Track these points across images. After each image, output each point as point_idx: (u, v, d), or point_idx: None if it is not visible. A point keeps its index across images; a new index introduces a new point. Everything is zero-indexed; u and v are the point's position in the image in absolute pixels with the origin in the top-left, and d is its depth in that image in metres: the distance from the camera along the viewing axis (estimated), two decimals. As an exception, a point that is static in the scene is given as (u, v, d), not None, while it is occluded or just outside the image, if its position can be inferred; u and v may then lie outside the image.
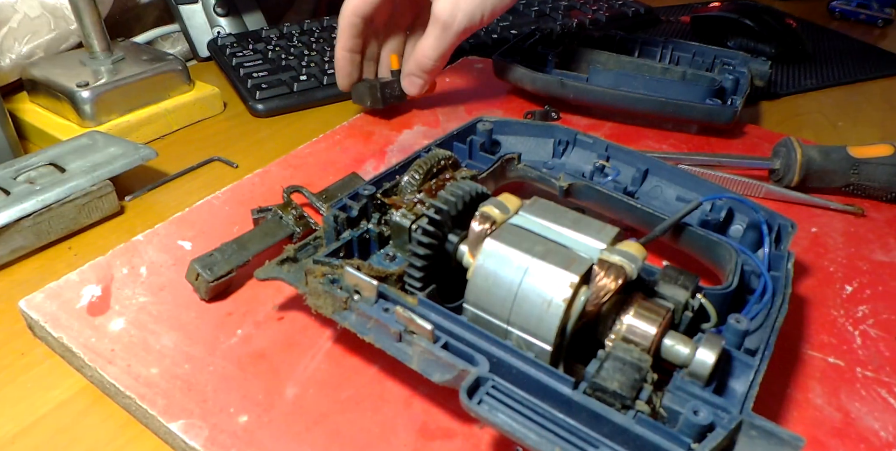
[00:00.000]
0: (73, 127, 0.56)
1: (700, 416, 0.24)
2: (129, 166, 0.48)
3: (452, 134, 0.44)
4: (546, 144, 0.46)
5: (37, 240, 0.44)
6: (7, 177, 0.45)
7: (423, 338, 0.28)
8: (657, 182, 0.42)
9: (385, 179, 0.38)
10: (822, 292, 0.40)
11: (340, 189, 0.45)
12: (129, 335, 0.36)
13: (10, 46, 0.60)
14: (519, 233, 0.29)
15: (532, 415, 0.26)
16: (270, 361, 0.34)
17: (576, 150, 0.45)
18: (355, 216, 0.36)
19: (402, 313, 0.29)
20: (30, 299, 0.37)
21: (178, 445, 0.31)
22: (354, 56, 0.56)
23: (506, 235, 0.29)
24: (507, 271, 0.28)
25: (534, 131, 0.46)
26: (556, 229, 0.30)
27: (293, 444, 0.30)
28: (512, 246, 0.29)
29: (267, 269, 0.34)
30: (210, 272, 0.37)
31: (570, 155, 0.45)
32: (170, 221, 0.44)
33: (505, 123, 0.46)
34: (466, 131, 0.45)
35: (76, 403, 0.34)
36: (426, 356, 0.28)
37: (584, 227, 0.30)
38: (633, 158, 0.43)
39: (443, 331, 0.29)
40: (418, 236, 0.31)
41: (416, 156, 0.40)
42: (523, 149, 0.45)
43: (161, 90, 0.59)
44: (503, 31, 0.75)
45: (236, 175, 0.51)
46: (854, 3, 0.91)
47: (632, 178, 0.42)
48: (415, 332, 0.29)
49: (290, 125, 0.61)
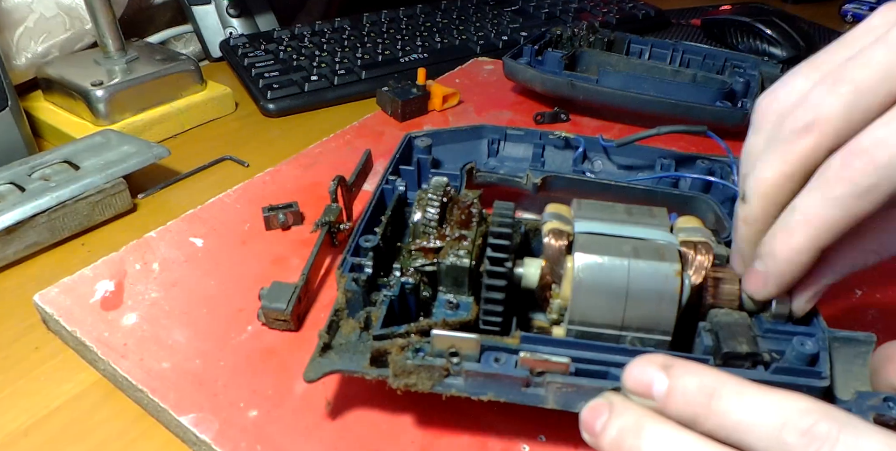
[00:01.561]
0: (88, 125, 0.57)
1: (807, 346, 0.27)
2: (143, 165, 0.48)
3: (395, 158, 0.42)
4: (479, 146, 0.46)
5: (51, 236, 0.44)
6: (22, 174, 0.46)
7: (556, 374, 0.27)
8: (597, 158, 0.46)
9: (367, 230, 0.34)
10: (831, 296, 0.40)
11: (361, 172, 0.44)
12: (142, 330, 0.36)
13: (26, 45, 0.61)
14: (597, 240, 0.29)
15: None
16: (280, 356, 0.35)
17: (508, 144, 0.46)
18: (372, 274, 0.32)
19: (531, 357, 0.27)
20: (44, 294, 0.38)
21: (188, 438, 0.31)
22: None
23: (590, 245, 0.28)
24: (610, 279, 0.28)
25: (462, 136, 0.46)
26: (619, 225, 0.30)
27: (302, 439, 0.30)
28: (603, 254, 0.28)
29: (315, 366, 0.28)
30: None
31: (504, 150, 0.46)
32: (182, 219, 0.45)
33: (433, 135, 0.45)
34: (406, 152, 0.43)
35: (89, 396, 0.35)
36: (564, 391, 0.27)
37: (639, 215, 0.30)
38: (567, 141, 0.45)
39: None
40: (491, 276, 0.28)
41: (378, 197, 0.38)
42: (457, 155, 0.45)
43: (174, 90, 0.60)
44: (513, 34, 0.75)
45: (247, 174, 0.52)
46: (866, 6, 0.91)
47: (573, 159, 0.45)
48: (545, 371, 0.27)
49: (301, 125, 0.62)
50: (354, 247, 0.33)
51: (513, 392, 0.27)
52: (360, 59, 0.68)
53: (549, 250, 0.29)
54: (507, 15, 0.81)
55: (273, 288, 0.36)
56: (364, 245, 0.32)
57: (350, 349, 0.29)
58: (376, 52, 0.69)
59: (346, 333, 0.30)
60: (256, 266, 0.41)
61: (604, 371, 0.27)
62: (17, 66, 0.61)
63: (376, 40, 0.72)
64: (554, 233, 0.29)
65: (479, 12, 0.82)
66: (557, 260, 0.29)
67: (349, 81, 0.65)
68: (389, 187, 0.39)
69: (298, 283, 0.37)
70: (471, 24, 0.77)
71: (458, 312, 0.30)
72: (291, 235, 0.44)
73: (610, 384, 0.26)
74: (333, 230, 0.40)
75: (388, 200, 0.38)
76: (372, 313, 0.30)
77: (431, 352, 0.27)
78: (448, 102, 0.60)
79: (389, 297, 0.31)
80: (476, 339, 0.27)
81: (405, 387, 0.28)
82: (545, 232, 0.30)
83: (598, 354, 0.27)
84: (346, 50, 0.70)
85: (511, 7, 0.84)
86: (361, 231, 0.34)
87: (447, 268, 0.30)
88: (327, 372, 0.28)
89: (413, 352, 0.28)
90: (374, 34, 0.74)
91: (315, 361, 0.29)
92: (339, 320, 0.31)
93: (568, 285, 0.28)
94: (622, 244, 0.29)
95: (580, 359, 0.27)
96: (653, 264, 0.28)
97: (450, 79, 0.66)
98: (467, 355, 0.27)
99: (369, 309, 0.31)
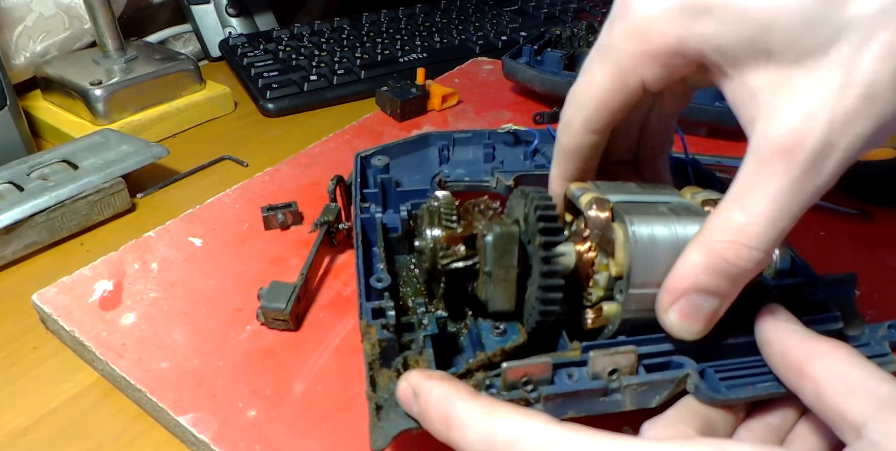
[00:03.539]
0: (86, 125, 0.57)
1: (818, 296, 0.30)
2: (141, 164, 0.48)
3: (357, 182, 0.39)
4: (428, 154, 0.45)
5: (50, 236, 0.44)
6: (21, 173, 0.46)
7: (630, 377, 0.26)
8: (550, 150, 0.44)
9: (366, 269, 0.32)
10: (829, 295, 0.40)
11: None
12: (141, 330, 0.36)
13: (25, 45, 0.61)
14: (635, 206, 0.28)
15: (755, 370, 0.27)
16: (279, 357, 0.35)
17: (458, 149, 0.45)
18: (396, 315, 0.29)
19: (602, 355, 0.26)
20: (43, 294, 0.38)
21: (187, 438, 0.31)
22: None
23: (632, 209, 0.28)
24: (664, 236, 0.27)
25: (411, 148, 0.44)
26: (641, 196, 0.30)
27: (301, 439, 0.30)
28: (647, 215, 0.27)
29: (381, 433, 0.25)
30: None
31: (454, 155, 0.45)
32: (181, 218, 0.45)
33: (384, 150, 0.43)
34: (363, 173, 0.40)
35: (87, 396, 0.35)
36: (639, 390, 0.26)
37: (651, 188, 0.30)
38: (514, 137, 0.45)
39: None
40: (545, 262, 0.26)
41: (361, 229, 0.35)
42: (409, 167, 0.43)
43: (173, 89, 0.60)
44: (512, 33, 0.75)
45: (246, 174, 0.52)
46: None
47: (524, 153, 0.44)
48: (616, 369, 0.26)
49: (300, 125, 0.62)
50: (366, 290, 0.30)
51: (592, 404, 0.26)
52: (359, 59, 0.68)
53: (595, 220, 0.28)
54: (506, 15, 0.81)
55: (272, 288, 0.36)
56: (377, 286, 0.29)
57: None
58: (375, 52, 0.69)
59: (384, 385, 0.27)
60: (255, 266, 0.41)
61: (666, 362, 0.27)
62: (16, 65, 0.61)
63: (375, 40, 0.72)
64: (597, 202, 0.28)
65: (478, 12, 0.82)
66: (606, 227, 0.28)
67: (348, 80, 0.65)
68: (368, 216, 0.36)
69: (297, 283, 0.37)
70: (470, 24, 0.78)
71: (508, 336, 0.28)
72: (290, 234, 0.44)
73: (680, 373, 0.26)
74: (332, 230, 0.40)
75: (369, 228, 0.35)
76: (409, 357, 0.28)
77: (504, 386, 0.26)
78: (447, 102, 0.60)
79: (428, 336, 0.28)
80: (549, 361, 0.26)
81: None
82: (586, 203, 0.28)
83: (655, 346, 0.27)
84: (345, 50, 0.70)
85: (510, 7, 0.84)
86: (363, 270, 0.31)
87: (496, 237, 0.27)
88: (396, 435, 0.25)
89: (485, 390, 0.26)
90: (374, 34, 0.74)
91: (377, 427, 0.26)
92: (374, 374, 0.27)
93: (622, 249, 0.27)
94: (657, 206, 0.28)
95: (642, 355, 0.27)
96: (694, 217, 0.27)
97: (449, 79, 0.66)
98: (540, 379, 0.26)
99: (405, 354, 0.28)
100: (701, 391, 0.26)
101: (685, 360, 0.27)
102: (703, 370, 0.27)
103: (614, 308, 0.28)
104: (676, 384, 0.26)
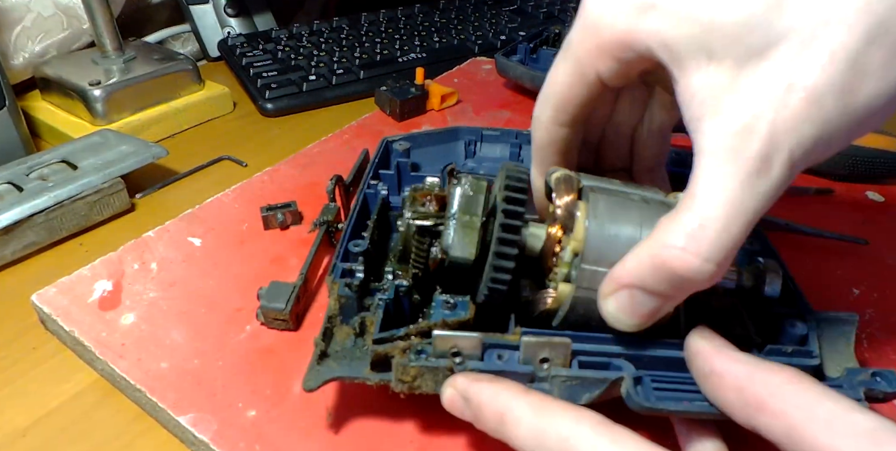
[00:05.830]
0: (85, 125, 0.57)
1: (798, 328, 0.29)
2: (140, 164, 0.48)
3: (375, 162, 0.41)
4: (456, 147, 0.46)
5: (49, 236, 0.44)
6: (20, 174, 0.46)
7: (560, 369, 0.27)
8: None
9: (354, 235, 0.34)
10: (828, 295, 0.40)
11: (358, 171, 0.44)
12: (140, 330, 0.36)
13: (24, 45, 0.61)
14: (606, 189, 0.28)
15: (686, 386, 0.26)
16: (279, 356, 0.35)
17: (485, 145, 0.46)
18: (364, 279, 0.31)
19: (533, 340, 0.26)
20: (42, 294, 0.38)
21: (187, 438, 0.31)
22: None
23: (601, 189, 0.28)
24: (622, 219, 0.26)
25: (439, 139, 0.45)
26: (619, 187, 0.29)
27: (301, 439, 0.30)
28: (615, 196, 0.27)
29: (314, 375, 0.28)
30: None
31: (480, 151, 0.46)
32: (180, 218, 0.45)
33: (411, 138, 0.44)
34: (384, 156, 0.43)
35: (87, 396, 0.35)
36: (568, 384, 0.26)
37: (636, 186, 0.30)
38: None
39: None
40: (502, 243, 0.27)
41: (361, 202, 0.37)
42: (435, 157, 0.45)
43: (172, 89, 0.60)
44: (511, 33, 0.75)
45: (246, 174, 0.52)
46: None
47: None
48: (548, 358, 0.27)
49: (300, 125, 0.62)
50: (343, 252, 0.33)
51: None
52: (358, 59, 0.68)
53: (560, 192, 0.28)
54: (505, 14, 0.81)
55: (272, 288, 0.36)
56: (353, 250, 0.32)
57: (347, 356, 0.29)
58: (374, 52, 0.69)
59: (341, 339, 0.30)
60: (255, 266, 0.41)
61: (605, 362, 0.27)
62: (15, 65, 0.61)
63: (374, 40, 0.72)
64: (566, 180, 0.28)
65: (477, 12, 0.82)
66: (571, 204, 0.28)
67: (347, 80, 0.65)
68: (372, 192, 0.38)
69: (297, 282, 0.37)
70: (469, 24, 0.77)
71: (456, 311, 0.29)
72: (290, 234, 0.44)
73: (612, 375, 0.26)
74: (332, 230, 0.40)
75: (371, 204, 0.38)
76: (366, 318, 0.30)
77: (434, 353, 0.27)
78: (446, 102, 0.60)
79: (384, 300, 0.30)
80: (478, 337, 0.27)
81: (409, 390, 0.27)
82: (554, 180, 0.29)
83: (598, 345, 0.27)
84: (344, 49, 0.70)
85: (509, 6, 0.84)
86: (349, 236, 0.34)
87: (466, 184, 0.29)
88: (328, 380, 0.28)
89: (415, 354, 0.27)
90: (373, 34, 0.74)
91: (314, 369, 0.28)
92: (332, 327, 0.30)
93: (580, 223, 0.27)
94: (630, 195, 0.28)
95: (580, 351, 0.27)
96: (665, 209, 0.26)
97: (448, 78, 0.66)
98: (470, 354, 0.27)
99: (363, 314, 0.30)
100: (630, 397, 0.25)
101: (625, 364, 0.27)
102: (639, 377, 0.26)
103: (568, 288, 0.27)
104: (609, 385, 0.26)
